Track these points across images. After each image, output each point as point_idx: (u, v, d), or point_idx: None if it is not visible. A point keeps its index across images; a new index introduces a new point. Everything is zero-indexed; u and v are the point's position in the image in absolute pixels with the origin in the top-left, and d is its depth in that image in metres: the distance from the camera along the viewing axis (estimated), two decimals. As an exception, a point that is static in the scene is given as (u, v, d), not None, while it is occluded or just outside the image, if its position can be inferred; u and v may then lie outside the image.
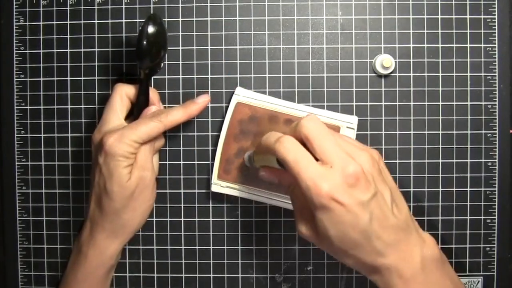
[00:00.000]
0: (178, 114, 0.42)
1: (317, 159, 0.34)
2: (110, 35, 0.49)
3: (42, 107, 0.50)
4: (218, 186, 0.47)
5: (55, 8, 0.49)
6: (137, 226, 0.43)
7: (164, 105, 0.49)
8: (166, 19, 0.49)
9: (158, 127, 0.41)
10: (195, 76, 0.49)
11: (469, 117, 0.48)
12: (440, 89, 0.48)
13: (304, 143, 0.35)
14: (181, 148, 0.49)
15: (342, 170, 0.33)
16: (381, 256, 0.34)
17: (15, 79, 0.50)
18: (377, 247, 0.34)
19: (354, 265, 0.36)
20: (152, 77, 0.49)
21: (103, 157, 0.40)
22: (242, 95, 0.47)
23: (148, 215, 0.43)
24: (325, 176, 0.32)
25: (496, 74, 0.48)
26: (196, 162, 0.49)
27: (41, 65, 0.49)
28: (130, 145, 0.40)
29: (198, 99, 0.44)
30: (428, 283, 0.35)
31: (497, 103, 0.48)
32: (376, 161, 0.35)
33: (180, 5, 0.49)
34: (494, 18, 0.48)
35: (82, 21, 0.49)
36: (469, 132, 0.48)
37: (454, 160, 0.49)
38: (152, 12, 0.49)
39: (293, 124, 0.36)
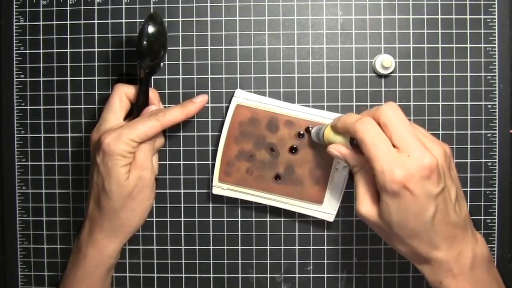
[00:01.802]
0: (176, 113, 0.43)
1: (393, 146, 0.35)
2: (110, 35, 0.49)
3: (42, 107, 0.50)
4: (219, 188, 0.47)
5: (55, 8, 0.49)
6: (136, 226, 0.43)
7: (164, 105, 0.49)
8: (166, 19, 0.49)
9: (156, 126, 0.41)
10: (195, 76, 0.49)
11: (469, 117, 0.48)
12: (440, 89, 0.48)
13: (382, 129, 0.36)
14: (181, 148, 0.49)
15: (418, 161, 0.33)
16: (436, 249, 0.35)
17: (15, 79, 0.50)
18: (433, 240, 0.35)
19: (406, 253, 0.37)
20: (152, 77, 0.49)
21: (101, 156, 0.40)
22: (241, 97, 0.47)
23: (147, 215, 0.43)
24: (401, 163, 0.33)
25: (496, 74, 0.48)
26: (196, 162, 0.49)
27: (41, 65, 0.50)
28: (128, 144, 0.40)
29: (196, 99, 0.44)
30: (475, 281, 0.36)
31: (497, 103, 0.48)
32: (448, 156, 0.37)
33: (180, 5, 0.49)
34: (494, 18, 0.48)
35: (82, 21, 0.49)
36: (469, 132, 0.48)
37: (454, 160, 0.48)
38: (152, 12, 0.48)
39: (371, 109, 0.37)
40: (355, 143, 0.37)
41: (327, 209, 0.47)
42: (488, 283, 0.37)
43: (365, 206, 0.37)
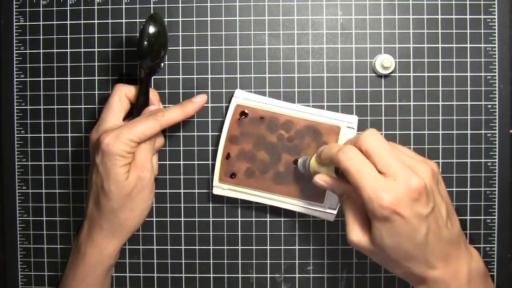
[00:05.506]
0: (175, 113, 0.43)
1: (379, 172, 0.35)
2: (110, 35, 0.49)
3: (42, 107, 0.50)
4: (220, 188, 0.47)
5: (55, 8, 0.49)
6: (135, 226, 0.43)
7: (164, 105, 0.49)
8: (166, 19, 0.49)
9: (155, 126, 0.41)
10: (195, 76, 0.49)
11: (469, 117, 0.48)
12: (440, 89, 0.48)
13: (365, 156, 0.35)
14: (181, 148, 0.49)
15: (405, 184, 0.33)
16: (431, 268, 0.35)
17: (15, 79, 0.50)
18: (429, 260, 0.35)
19: (403, 275, 0.37)
20: (152, 77, 0.48)
21: (100, 156, 0.40)
22: (241, 97, 0.47)
23: (146, 215, 0.43)
24: (388, 188, 0.33)
25: (496, 74, 0.48)
26: (196, 162, 0.49)
27: (41, 65, 0.50)
28: (127, 144, 0.40)
29: (195, 99, 0.44)
30: None
31: (497, 103, 0.48)
32: (435, 174, 0.36)
33: (180, 5, 0.49)
34: (494, 18, 0.48)
35: (82, 21, 0.49)
36: (469, 132, 0.48)
37: (454, 160, 0.48)
38: (152, 12, 0.49)
39: (352, 137, 0.37)
40: (340, 172, 0.37)
41: (328, 208, 0.47)
42: None
43: (356, 233, 0.37)
